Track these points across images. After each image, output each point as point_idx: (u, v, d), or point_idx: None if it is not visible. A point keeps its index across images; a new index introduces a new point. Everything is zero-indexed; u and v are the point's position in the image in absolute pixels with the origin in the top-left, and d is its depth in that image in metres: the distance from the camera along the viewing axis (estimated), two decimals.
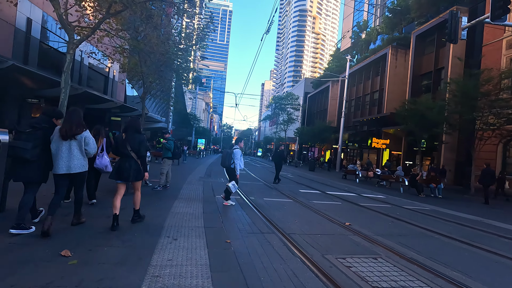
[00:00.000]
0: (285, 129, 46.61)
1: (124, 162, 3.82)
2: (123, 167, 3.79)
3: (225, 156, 6.09)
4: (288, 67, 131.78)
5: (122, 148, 3.84)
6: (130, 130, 3.96)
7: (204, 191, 7.41)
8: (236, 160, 5.96)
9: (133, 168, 3.82)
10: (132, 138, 3.86)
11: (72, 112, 3.48)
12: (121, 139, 3.90)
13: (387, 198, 9.44)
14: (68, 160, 3.36)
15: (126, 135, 3.90)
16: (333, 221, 5.08)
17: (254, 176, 13.32)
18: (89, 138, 3.55)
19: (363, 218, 5.76)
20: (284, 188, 9.42)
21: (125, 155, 3.84)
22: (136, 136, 3.90)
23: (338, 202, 7.25)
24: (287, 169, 23.00)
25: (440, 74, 22.43)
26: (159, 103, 34.84)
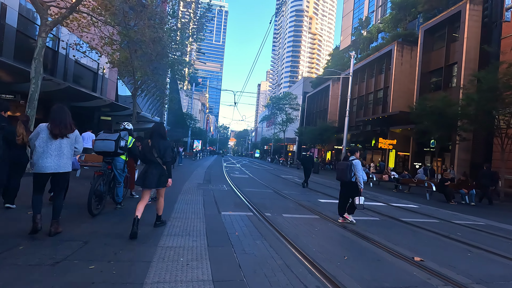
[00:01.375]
0: (284, 129, 45.17)
1: (151, 169, 3.82)
2: (150, 173, 3.79)
3: (343, 169, 5.29)
4: (284, 68, 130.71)
5: (149, 155, 3.84)
6: (155, 136, 3.95)
7: (205, 204, 5.85)
8: (358, 172, 5.20)
9: (159, 175, 3.83)
10: (158, 144, 3.86)
11: (61, 110, 3.44)
12: (147, 145, 3.89)
13: (420, 207, 7.98)
14: (58, 159, 3.32)
15: (152, 141, 3.89)
16: (395, 255, 3.56)
17: (260, 181, 11.78)
18: (79, 137, 3.59)
19: (426, 244, 4.24)
20: (300, 197, 7.91)
21: (151, 162, 3.85)
22: (161, 142, 3.91)
23: (375, 218, 5.77)
24: (290, 172, 21.51)
25: (451, 70, 21.10)
26: (153, 102, 33.14)
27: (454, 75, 20.55)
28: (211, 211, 5.30)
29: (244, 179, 12.13)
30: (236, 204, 6.10)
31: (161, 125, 4.15)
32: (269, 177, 14.94)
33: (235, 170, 17.46)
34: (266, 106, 63.57)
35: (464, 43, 18.97)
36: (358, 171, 5.18)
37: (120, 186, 4.93)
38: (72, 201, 5.06)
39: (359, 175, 5.17)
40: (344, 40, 51.86)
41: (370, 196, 9.63)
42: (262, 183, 11.18)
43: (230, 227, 4.25)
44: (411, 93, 25.30)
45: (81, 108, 19.05)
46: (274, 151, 56.17)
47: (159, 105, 29.93)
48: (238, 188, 8.81)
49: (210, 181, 10.21)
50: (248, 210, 5.64)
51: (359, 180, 5.17)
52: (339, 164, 5.51)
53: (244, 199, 6.82)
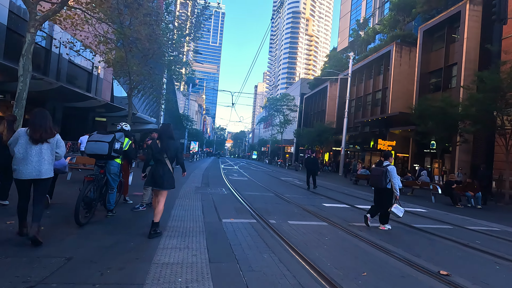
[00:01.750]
0: (282, 131, 44.84)
1: (159, 169, 3.86)
2: (158, 173, 3.84)
3: (378, 175, 5.07)
4: (281, 69, 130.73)
5: (158, 155, 3.89)
6: (164, 137, 3.99)
7: (204, 211, 5.43)
8: (394, 178, 5.01)
9: (167, 175, 3.88)
10: (167, 145, 3.92)
11: (41, 114, 3.37)
12: (156, 146, 3.93)
13: (429, 212, 7.64)
14: (39, 165, 3.22)
15: (161, 142, 3.94)
16: (419, 269, 3.18)
17: (260, 184, 11.38)
18: (61, 141, 3.50)
19: (448, 255, 3.86)
20: (304, 201, 7.53)
21: (160, 162, 3.89)
22: (171, 143, 3.97)
23: (386, 225, 5.40)
24: (289, 174, 21.14)
25: (451, 71, 20.93)
26: (149, 103, 32.63)
27: (453, 76, 20.37)
28: (211, 218, 4.90)
29: (243, 182, 11.73)
30: (237, 210, 5.71)
31: (169, 126, 4.14)
32: (268, 179, 14.56)
33: (233, 172, 17.05)
34: (263, 107, 63.29)
35: (464, 43, 18.80)
36: (394, 178, 4.98)
37: (113, 192, 4.50)
38: (59, 208, 4.63)
39: (395, 181, 4.97)
40: (342, 41, 51.79)
41: None
42: (262, 185, 10.78)
43: (233, 237, 3.84)
44: (410, 94, 25.11)
45: (75, 109, 18.54)
46: (271, 153, 55.82)
47: (155, 106, 29.45)
48: (238, 191, 8.42)
49: (208, 184, 9.79)
50: (251, 216, 5.23)
51: (394, 187, 4.97)
52: (374, 170, 5.27)
53: (245, 204, 6.43)
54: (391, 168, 5.04)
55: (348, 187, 13.70)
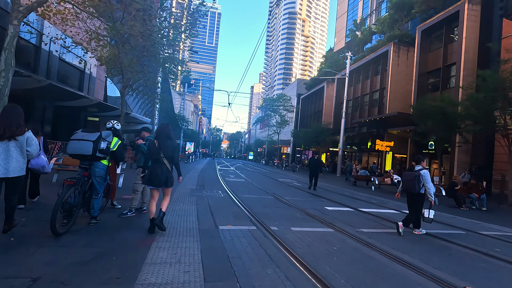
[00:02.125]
0: (278, 131, 44.49)
1: (156, 169, 3.88)
2: (156, 173, 3.86)
3: (411, 180, 4.94)
4: (278, 70, 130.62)
5: (156, 155, 3.91)
6: (162, 136, 4.00)
7: (199, 216, 4.99)
8: (428, 183, 4.86)
9: (165, 175, 3.90)
10: (165, 145, 3.95)
11: (10, 110, 3.26)
12: (154, 145, 3.94)
13: (436, 215, 7.27)
14: (6, 163, 3.09)
15: (158, 141, 3.95)
16: (442, 284, 2.79)
17: (257, 186, 10.94)
18: (32, 139, 3.33)
19: (470, 266, 3.46)
20: (305, 204, 7.12)
21: (158, 162, 3.91)
22: (169, 143, 4.00)
23: (395, 230, 5.02)
24: (287, 175, 20.76)
25: (449, 70, 20.76)
26: (144, 102, 32.01)
27: (452, 76, 20.21)
28: (206, 225, 4.46)
29: (240, 184, 11.30)
30: (235, 215, 5.29)
31: (167, 126, 4.16)
32: (266, 180, 14.14)
33: (229, 174, 16.61)
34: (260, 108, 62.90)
35: (463, 43, 18.62)
36: (428, 182, 4.83)
37: (98, 198, 4.04)
38: (36, 214, 4.16)
39: (429, 186, 4.83)
40: (338, 42, 51.67)
41: (378, 202, 8.92)
42: (260, 187, 10.36)
43: (232, 248, 3.41)
44: (408, 95, 24.94)
45: (66, 108, 17.94)
46: (268, 154, 55.45)
47: (150, 106, 28.88)
48: (235, 194, 7.99)
49: (204, 186, 9.33)
50: (250, 222, 4.81)
51: (429, 191, 4.83)
52: (406, 175, 5.12)
53: (243, 208, 6.01)
54: (424, 173, 4.93)
55: (348, 188, 13.35)
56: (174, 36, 14.44)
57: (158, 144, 3.91)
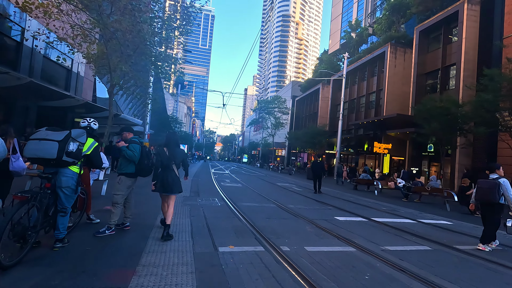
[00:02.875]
0: (273, 133, 43.82)
1: (167, 176, 3.99)
2: (167, 181, 3.98)
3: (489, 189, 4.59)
4: (271, 72, 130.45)
5: (166, 162, 4.01)
6: (172, 144, 4.14)
7: (194, 233, 4.17)
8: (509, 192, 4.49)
9: (176, 182, 4.04)
10: (174, 153, 4.09)
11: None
12: (164, 153, 4.04)
13: (455, 225, 6.62)
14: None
15: (168, 149, 4.08)
16: None
17: (256, 192, 10.13)
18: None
19: None
20: (312, 214, 6.36)
21: (168, 169, 4.02)
22: (178, 151, 4.17)
23: (423, 246, 4.26)
24: (284, 178, 20.01)
25: (448, 71, 20.41)
26: (136, 104, 30.92)
27: (451, 77, 19.85)
28: (203, 246, 3.64)
29: (237, 189, 10.49)
30: (236, 230, 4.48)
31: (175, 134, 4.39)
32: (264, 185, 13.35)
33: (225, 178, 15.76)
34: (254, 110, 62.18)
35: (463, 43, 18.27)
36: (509, 191, 4.48)
37: (65, 215, 3.17)
38: None
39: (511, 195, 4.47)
40: (333, 44, 51.45)
41: (388, 209, 8.22)
42: (260, 194, 9.56)
43: (237, 283, 2.61)
44: (405, 96, 24.56)
45: (52, 109, 16.89)
46: (262, 156, 54.72)
47: (142, 107, 27.85)
48: (234, 202, 7.18)
49: (198, 193, 8.49)
50: (255, 241, 4.00)
51: (510, 201, 4.47)
52: (483, 183, 4.74)
53: (245, 220, 5.20)
54: (504, 181, 4.60)
55: (350, 193, 12.66)
56: (167, 33, 13.60)
57: (168, 152, 4.05)
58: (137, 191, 6.31)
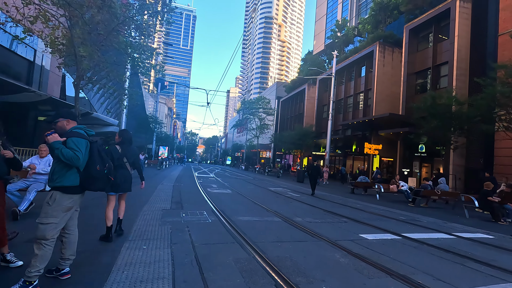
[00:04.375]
0: (258, 135, 42.48)
1: (121, 175, 3.85)
2: (121, 179, 3.84)
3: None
4: (254, 74, 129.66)
5: (119, 161, 3.88)
6: (127, 142, 4.02)
7: (176, 279, 2.65)
8: None
9: (128, 180, 3.95)
10: (128, 151, 3.99)
11: None
12: (117, 151, 3.89)
13: (497, 239, 5.48)
14: None
15: (122, 148, 3.95)
16: None
17: (251, 200, 8.62)
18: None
19: None
20: (330, 231, 4.98)
21: (121, 167, 3.91)
22: (131, 149, 4.07)
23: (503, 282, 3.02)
24: (274, 182, 18.65)
25: (439, 70, 19.97)
26: (112, 102, 28.48)
27: (442, 76, 19.39)
28: None
29: (228, 197, 8.96)
30: (242, 269, 2.94)
31: (129, 132, 4.19)
32: (256, 191, 11.88)
33: (211, 183, 14.14)
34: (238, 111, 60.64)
35: (455, 41, 17.80)
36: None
37: None
38: None
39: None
40: (317, 44, 51.00)
41: (407, 219, 7.01)
42: (255, 202, 8.08)
43: None
44: (394, 96, 24.06)
45: (9, 105, 14.61)
46: (247, 158, 53.21)
47: (117, 105, 25.54)
48: (228, 216, 5.68)
49: (181, 204, 6.89)
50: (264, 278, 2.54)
51: None
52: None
53: (250, 248, 3.63)
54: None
55: (351, 197, 11.47)
56: (142, 17, 11.87)
57: (121, 149, 3.91)
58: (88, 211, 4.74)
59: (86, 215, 4.75)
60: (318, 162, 32.94)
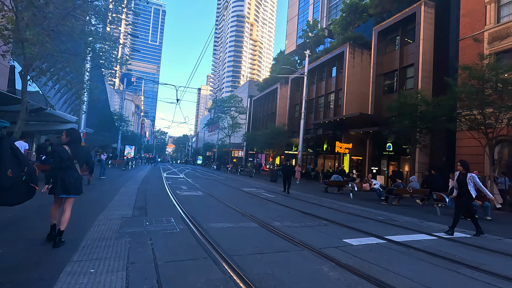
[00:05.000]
0: (230, 134, 41.71)
1: (69, 176, 3.65)
2: (69, 181, 3.64)
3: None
4: (226, 72, 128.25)
5: (68, 162, 3.66)
6: (75, 142, 3.82)
7: None
8: None
9: (78, 182, 3.77)
10: (77, 151, 3.78)
11: None
12: (65, 152, 3.67)
13: (478, 238, 5.43)
14: None
15: (70, 147, 3.73)
16: None
17: (224, 203, 8.02)
18: None
19: None
20: (313, 237, 4.56)
21: (70, 168, 3.70)
22: (81, 148, 3.86)
23: None
24: (247, 182, 18.16)
25: (405, 72, 20.77)
26: (71, 97, 26.08)
27: (408, 78, 20.17)
28: None
29: (199, 200, 8.28)
30: None
31: (77, 130, 4.03)
32: (229, 192, 11.29)
33: (180, 184, 13.27)
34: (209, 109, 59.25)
35: (420, 44, 18.58)
36: None
37: None
38: None
39: None
40: (289, 44, 51.38)
41: (385, 219, 6.86)
42: (229, 205, 7.50)
43: None
44: (363, 97, 24.73)
45: None
46: (218, 158, 52.19)
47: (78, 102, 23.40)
48: (199, 223, 5.06)
49: (145, 210, 6.11)
50: None
51: None
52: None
53: (225, 264, 3.06)
54: None
55: (325, 197, 11.32)
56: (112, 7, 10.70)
57: (70, 150, 3.67)
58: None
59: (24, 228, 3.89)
60: (290, 161, 33.06)
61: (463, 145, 15.48)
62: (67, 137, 3.78)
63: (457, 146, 16.00)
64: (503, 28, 14.33)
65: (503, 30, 14.29)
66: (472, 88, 10.42)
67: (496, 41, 14.41)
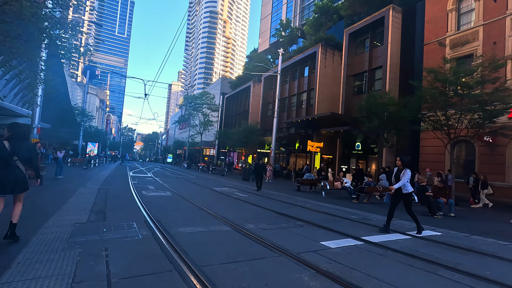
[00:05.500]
0: (201, 131, 40.67)
1: (9, 174, 3.43)
2: (8, 178, 3.42)
3: None
4: (198, 69, 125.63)
5: (8, 158, 3.45)
6: (16, 137, 3.61)
7: None
8: None
9: (21, 179, 3.54)
10: (20, 147, 3.57)
11: None
12: (4, 148, 3.46)
13: (446, 235, 5.51)
14: None
15: (11, 143, 3.53)
16: None
17: (194, 204, 7.51)
18: None
19: None
20: (286, 238, 4.30)
21: (9, 165, 3.47)
22: (24, 144, 3.65)
23: None
24: (219, 181, 17.66)
25: (374, 74, 21.48)
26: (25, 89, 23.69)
27: (377, 79, 20.87)
28: None
29: (167, 201, 7.71)
30: None
31: (22, 126, 3.80)
32: (200, 192, 10.76)
33: (147, 184, 12.47)
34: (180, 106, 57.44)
35: (388, 47, 19.26)
36: None
37: None
38: None
39: None
40: (262, 42, 51.32)
41: (358, 218, 6.83)
42: (200, 207, 7.03)
43: None
44: (334, 97, 25.27)
45: None
46: (189, 156, 50.82)
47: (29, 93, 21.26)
48: (165, 228, 4.57)
49: (104, 214, 5.47)
50: None
51: None
52: None
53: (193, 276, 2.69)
54: None
55: (298, 195, 11.23)
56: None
57: (10, 146, 3.45)
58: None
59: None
60: (263, 159, 32.92)
61: (427, 145, 16.28)
62: (8, 131, 3.58)
63: (421, 145, 16.81)
64: (463, 35, 15.23)
65: (463, 37, 15.18)
66: (437, 90, 10.87)
67: (457, 46, 15.27)
